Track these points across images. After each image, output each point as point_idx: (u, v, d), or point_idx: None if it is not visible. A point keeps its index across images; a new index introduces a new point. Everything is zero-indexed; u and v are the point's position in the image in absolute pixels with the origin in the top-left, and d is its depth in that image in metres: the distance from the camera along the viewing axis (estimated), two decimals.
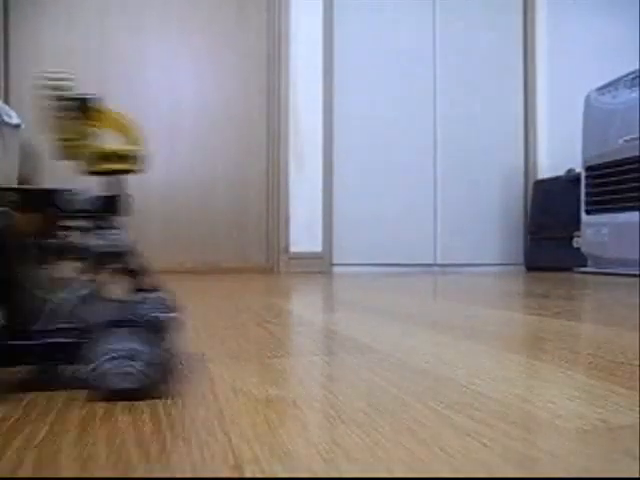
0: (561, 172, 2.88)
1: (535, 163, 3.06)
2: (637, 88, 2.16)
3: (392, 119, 2.85)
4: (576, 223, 2.51)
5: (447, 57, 2.93)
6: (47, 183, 0.47)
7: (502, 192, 3.02)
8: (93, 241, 0.43)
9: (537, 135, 3.06)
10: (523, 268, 3.01)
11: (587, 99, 2.41)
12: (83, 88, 2.56)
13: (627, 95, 2.20)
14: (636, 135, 2.14)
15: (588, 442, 0.30)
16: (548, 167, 3.05)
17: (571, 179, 2.65)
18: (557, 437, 0.31)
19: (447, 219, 2.92)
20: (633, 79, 2.19)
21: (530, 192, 2.97)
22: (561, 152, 3.04)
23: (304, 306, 1.06)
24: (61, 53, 2.54)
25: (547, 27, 3.07)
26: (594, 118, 2.36)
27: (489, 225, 3.00)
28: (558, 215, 2.70)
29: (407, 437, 0.31)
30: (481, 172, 2.99)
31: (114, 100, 2.59)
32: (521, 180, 3.06)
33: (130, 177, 2.61)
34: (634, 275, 2.13)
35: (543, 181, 2.87)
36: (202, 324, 0.79)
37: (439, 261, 2.91)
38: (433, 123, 2.91)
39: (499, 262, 3.01)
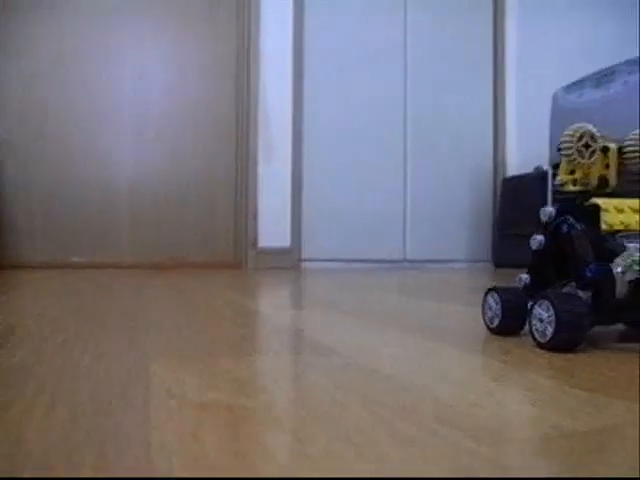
0: (530, 169, 2.90)
1: (504, 160, 3.07)
2: (603, 87, 2.18)
3: (362, 115, 2.83)
4: None
5: (417, 55, 2.92)
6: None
7: (471, 189, 3.03)
8: None
9: (506, 133, 3.08)
10: (491, 265, 3.03)
11: (554, 97, 2.43)
12: (49, 87, 2.48)
13: (592, 94, 2.22)
14: (602, 134, 2.16)
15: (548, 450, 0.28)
16: (517, 164, 3.07)
17: (539, 176, 2.66)
18: (521, 445, 0.29)
19: (417, 215, 2.92)
20: (599, 78, 2.21)
21: (499, 189, 2.99)
22: (530, 150, 3.06)
23: (267, 303, 1.03)
24: (37, 54, 2.45)
25: (517, 26, 3.09)
26: (560, 116, 2.37)
27: (459, 222, 3.01)
28: (526, 212, 2.71)
29: (341, 446, 0.28)
30: (451, 169, 2.99)
31: (81, 95, 2.52)
32: (490, 177, 3.07)
33: (95, 171, 2.55)
34: None
35: (511, 178, 2.88)
36: (158, 321, 0.76)
37: (409, 257, 2.90)
38: (403, 120, 2.90)
39: (468, 258, 3.02)
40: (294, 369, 0.46)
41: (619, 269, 0.55)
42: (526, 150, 3.08)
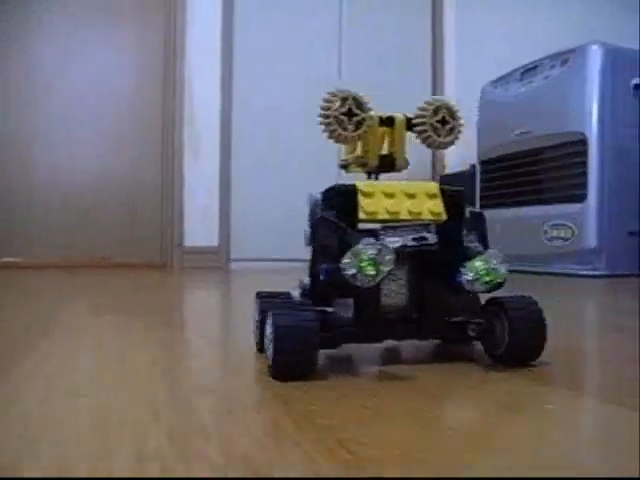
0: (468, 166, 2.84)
1: (442, 157, 3.01)
2: (526, 82, 2.12)
3: (295, 110, 2.74)
4: None
5: (353, 47, 2.84)
6: None
7: None
8: None
9: None
10: None
11: (482, 92, 2.37)
12: None
13: (517, 89, 2.17)
14: (527, 129, 2.10)
15: None
16: (456, 161, 3.00)
17: (473, 174, 2.61)
18: None
19: None
20: (523, 73, 2.16)
21: None
22: (470, 146, 3.00)
23: (95, 312, 0.94)
24: None
25: (455, 20, 3.02)
26: (488, 111, 2.32)
27: None
28: None
29: None
30: None
31: (8, 92, 2.40)
32: (428, 175, 3.00)
33: (15, 170, 2.42)
34: (523, 272, 2.10)
35: (447, 176, 2.82)
36: None
37: None
38: None
39: None
40: None
41: (352, 271, 0.42)
42: (467, 146, 3.02)
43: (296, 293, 0.56)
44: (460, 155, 3.01)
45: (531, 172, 2.10)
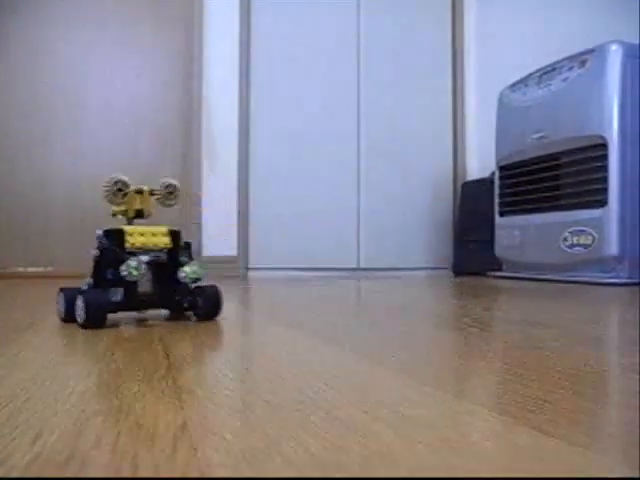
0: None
1: (464, 164, 2.96)
2: (544, 85, 2.07)
3: (314, 119, 2.75)
4: None
5: (371, 54, 2.83)
6: None
7: (430, 194, 2.92)
8: None
9: (466, 134, 2.97)
10: (450, 272, 2.91)
11: (500, 97, 2.32)
12: None
13: (535, 92, 2.11)
14: (545, 133, 2.05)
15: None
16: (479, 168, 2.95)
17: (494, 181, 2.55)
18: None
19: (372, 222, 2.81)
20: (541, 76, 2.10)
21: (459, 194, 2.88)
22: (492, 153, 2.94)
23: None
24: None
25: (476, 26, 2.97)
26: (506, 116, 2.26)
27: (417, 228, 2.90)
28: (483, 218, 2.60)
29: None
30: (408, 173, 2.88)
31: (20, 98, 2.47)
32: (450, 181, 2.96)
33: (31, 175, 2.49)
34: (543, 280, 2.03)
35: (469, 183, 2.77)
36: None
37: (363, 265, 2.80)
38: (357, 123, 2.81)
39: (427, 266, 2.91)
40: None
41: (124, 273, 0.78)
42: (489, 152, 2.96)
43: (85, 287, 0.84)
44: (483, 161, 2.96)
45: (550, 177, 2.04)
